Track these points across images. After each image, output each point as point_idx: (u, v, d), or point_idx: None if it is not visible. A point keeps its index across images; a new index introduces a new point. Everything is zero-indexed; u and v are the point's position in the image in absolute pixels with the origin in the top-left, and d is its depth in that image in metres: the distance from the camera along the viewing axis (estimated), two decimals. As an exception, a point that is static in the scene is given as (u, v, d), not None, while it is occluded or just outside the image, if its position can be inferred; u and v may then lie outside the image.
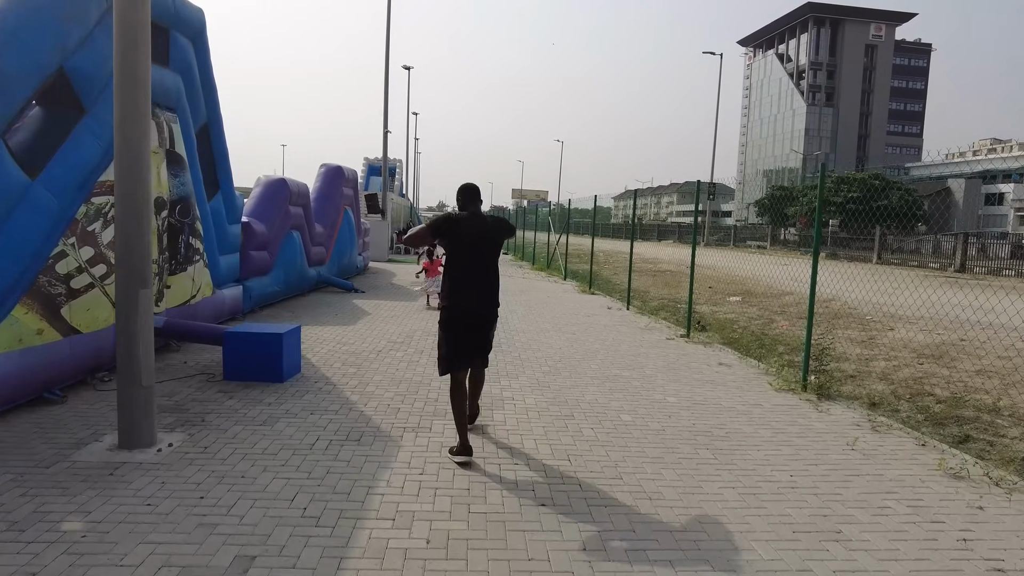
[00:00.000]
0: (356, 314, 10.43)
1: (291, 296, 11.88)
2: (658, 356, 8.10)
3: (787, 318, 12.23)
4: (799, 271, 18.36)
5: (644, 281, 18.58)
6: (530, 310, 11.72)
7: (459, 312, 4.31)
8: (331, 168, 14.26)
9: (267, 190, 10.87)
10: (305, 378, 6.27)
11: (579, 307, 12.49)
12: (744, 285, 17.77)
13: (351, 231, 15.00)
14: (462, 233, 4.29)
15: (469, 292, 4.30)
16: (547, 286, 16.47)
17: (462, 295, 4.29)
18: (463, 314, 4.31)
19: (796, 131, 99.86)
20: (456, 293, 4.29)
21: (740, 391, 6.56)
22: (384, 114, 23.60)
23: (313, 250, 12.76)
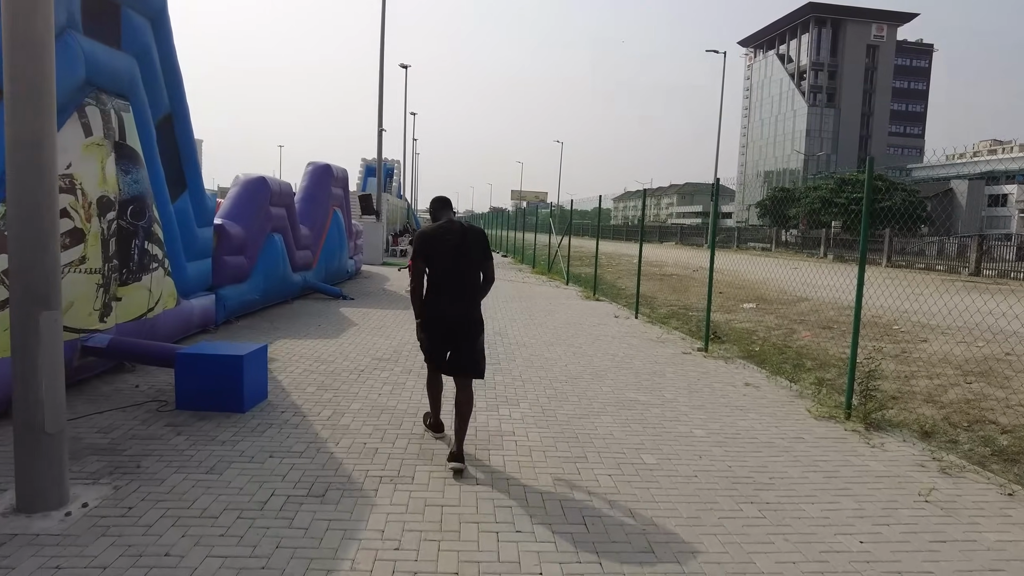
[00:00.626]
0: (341, 324, 9.55)
1: (273, 304, 11.01)
2: (676, 375, 7.22)
3: (808, 328, 11.37)
4: (811, 275, 17.52)
5: (650, 286, 17.70)
6: (531, 319, 10.85)
7: (434, 319, 4.36)
8: (318, 167, 13.39)
9: (245, 189, 10.00)
10: (271, 406, 5.39)
11: (584, 315, 11.62)
12: (756, 291, 16.89)
13: (341, 233, 14.12)
14: (439, 243, 4.35)
15: (443, 299, 4.33)
16: (549, 291, 15.60)
17: (436, 302, 4.35)
18: (438, 321, 4.36)
19: (797, 132, 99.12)
20: (434, 303, 4.35)
21: (775, 419, 5.69)
22: (379, 111, 22.73)
23: (298, 254, 11.88)
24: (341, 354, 7.50)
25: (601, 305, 13.28)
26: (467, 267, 4.37)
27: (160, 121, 6.95)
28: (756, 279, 18.73)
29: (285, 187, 11.03)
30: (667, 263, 26.30)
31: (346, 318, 10.17)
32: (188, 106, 7.47)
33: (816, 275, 17.34)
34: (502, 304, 12.70)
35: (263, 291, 10.21)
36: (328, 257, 13.52)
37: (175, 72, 7.19)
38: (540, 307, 12.49)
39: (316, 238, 13.01)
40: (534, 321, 10.63)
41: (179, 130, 7.33)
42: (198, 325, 8.15)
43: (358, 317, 10.31)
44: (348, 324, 9.60)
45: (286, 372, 6.55)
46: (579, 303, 13.47)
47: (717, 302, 14.69)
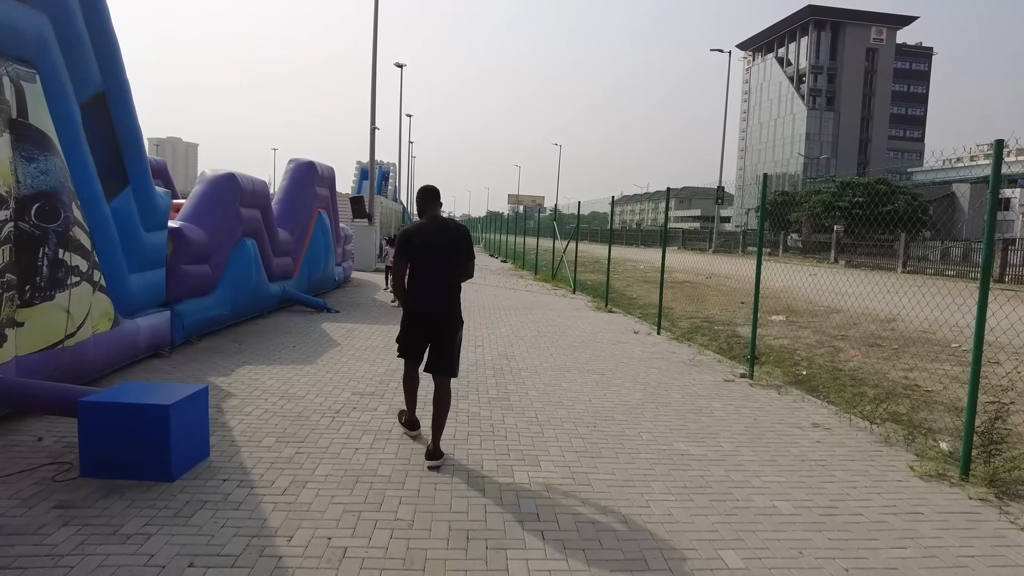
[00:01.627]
0: (321, 345, 8.20)
1: (246, 319, 9.64)
2: (726, 412, 5.88)
3: (852, 345, 10.06)
4: (832, 282, 16.17)
5: (664, 295, 16.36)
6: (540, 335, 9.51)
7: (417, 312, 4.44)
8: (301, 163, 12.04)
9: (210, 188, 8.64)
10: (212, 470, 4.03)
11: (599, 330, 10.28)
12: (780, 300, 15.58)
13: (326, 238, 12.77)
14: (418, 242, 4.38)
15: (425, 294, 4.41)
16: (555, 301, 14.26)
17: (419, 297, 4.42)
18: (420, 314, 4.44)
19: (797, 135, 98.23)
20: (416, 297, 4.43)
21: (872, 481, 4.35)
22: (371, 108, 21.40)
23: (276, 262, 10.52)
24: (315, 386, 6.14)
25: (615, 318, 11.94)
26: (448, 265, 4.43)
27: (90, 100, 5.60)
28: (776, 287, 17.41)
29: (259, 186, 9.68)
30: (675, 268, 24.98)
31: (327, 336, 8.80)
32: (129, 85, 6.12)
33: (838, 282, 16.05)
34: (505, 316, 11.35)
35: (232, 305, 8.85)
36: (312, 264, 12.16)
37: (110, 43, 5.85)
38: (548, 321, 11.14)
39: (298, 243, 11.65)
40: (544, 339, 9.28)
41: (117, 112, 5.99)
42: (147, 349, 6.79)
43: (341, 335, 8.95)
44: (329, 344, 8.24)
45: (242, 414, 5.19)
46: (591, 315, 12.12)
47: (742, 313, 13.39)
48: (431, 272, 4.37)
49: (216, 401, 5.49)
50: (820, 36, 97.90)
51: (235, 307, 8.95)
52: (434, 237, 4.39)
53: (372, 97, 21.25)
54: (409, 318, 4.50)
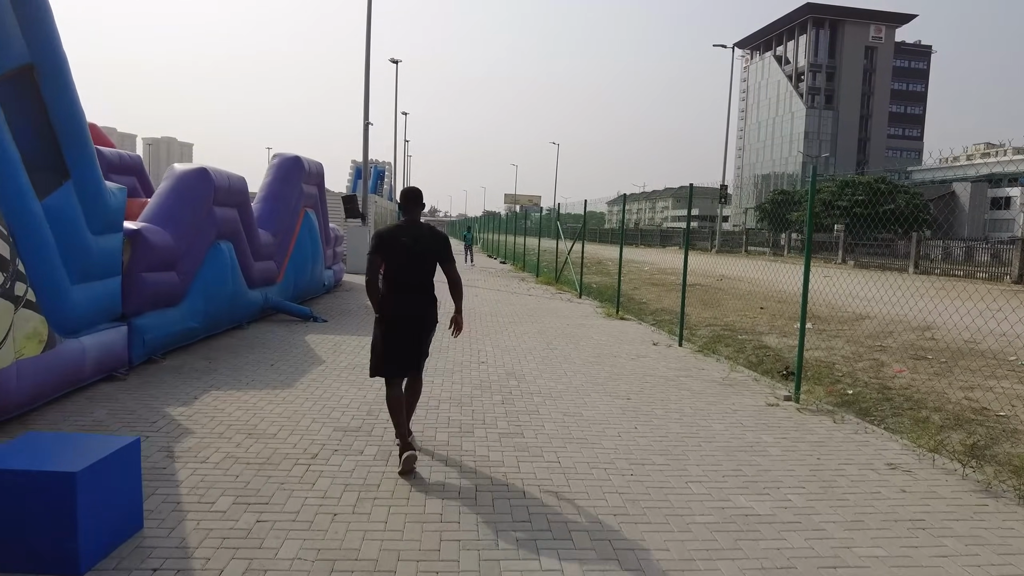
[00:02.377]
0: (303, 362, 7.20)
1: (221, 331, 8.63)
2: (783, 450, 4.91)
3: (894, 358, 9.12)
4: (850, 285, 15.19)
5: (676, 299, 15.40)
6: (551, 348, 8.53)
7: (393, 316, 4.34)
8: (285, 159, 11.03)
9: (178, 185, 7.64)
10: (141, 554, 3.04)
11: (615, 341, 9.31)
12: (798, 304, 14.63)
13: (314, 240, 11.76)
14: (394, 242, 4.33)
15: (401, 297, 4.36)
16: (561, 307, 13.28)
17: (395, 300, 4.35)
18: (397, 318, 4.35)
19: (796, 134, 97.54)
20: (391, 300, 4.35)
21: (997, 555, 3.39)
22: (365, 102, 20.37)
23: (256, 267, 9.51)
24: (290, 419, 5.14)
25: (630, 326, 10.96)
26: (422, 270, 4.42)
27: (10, 74, 4.59)
28: (793, 290, 16.45)
29: (236, 182, 8.67)
30: (679, 270, 24.04)
31: (311, 352, 7.80)
32: (65, 58, 5.12)
33: (853, 284, 15.01)
34: (508, 326, 10.37)
35: (205, 316, 7.84)
36: (298, 268, 11.15)
37: (42, 8, 4.84)
38: (557, 330, 10.16)
39: (282, 246, 10.64)
40: (555, 352, 8.30)
41: (50, 90, 4.98)
42: (96, 372, 5.79)
43: (327, 349, 7.95)
44: (311, 362, 7.24)
45: (197, 460, 4.20)
46: (602, 324, 11.14)
47: (763, 320, 12.45)
48: (404, 277, 4.36)
49: (168, 442, 4.50)
50: (819, 34, 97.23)
51: (208, 319, 7.94)
52: (409, 241, 4.34)
53: (366, 90, 20.22)
54: (383, 326, 4.36)
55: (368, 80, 20.40)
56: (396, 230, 4.39)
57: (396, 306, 4.33)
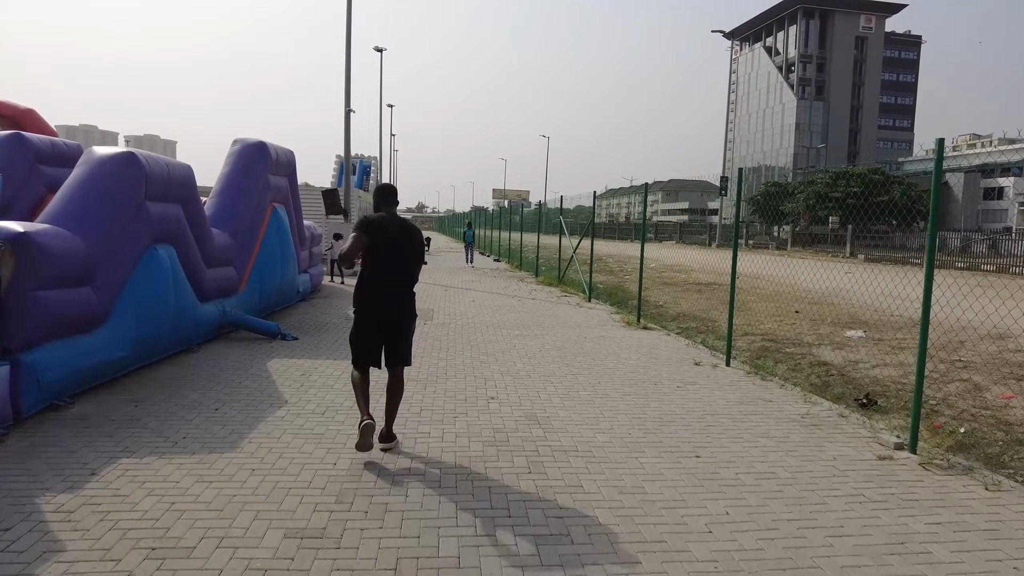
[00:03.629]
0: (259, 403, 5.51)
1: (162, 358, 6.91)
2: (951, 551, 3.29)
3: (984, 375, 7.56)
4: (879, 282, 13.62)
5: (693, 301, 13.81)
6: (574, 374, 6.87)
7: (374, 309, 4.39)
8: (247, 145, 9.27)
9: (94, 174, 5.91)
10: None
11: (648, 360, 7.66)
12: (836, 306, 13.10)
13: (284, 240, 10.02)
14: (383, 233, 4.38)
15: (384, 291, 4.39)
16: (571, 313, 11.62)
17: (377, 294, 4.38)
18: (377, 311, 4.40)
19: (787, 126, 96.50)
20: (367, 291, 4.39)
21: None
22: (346, 86, 18.59)
23: (209, 275, 7.80)
24: (222, 515, 3.45)
25: (658, 339, 9.31)
26: (403, 261, 4.45)
27: None
28: (819, 289, 14.94)
29: (179, 171, 6.94)
30: (688, 266, 22.46)
31: (271, 385, 6.10)
32: None
33: (881, 281, 13.43)
34: (515, 340, 8.71)
35: (135, 342, 6.12)
36: (264, 274, 9.41)
37: None
38: (574, 345, 8.50)
39: (244, 249, 8.92)
40: (581, 381, 6.64)
41: None
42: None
43: (293, 381, 6.25)
44: (270, 403, 5.54)
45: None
46: (624, 335, 9.49)
47: (803, 326, 10.87)
48: (387, 268, 4.40)
49: (18, 571, 2.82)
50: (809, 24, 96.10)
51: (141, 345, 6.22)
52: (394, 233, 4.43)
53: (347, 74, 18.44)
54: (363, 317, 4.43)
55: (349, 63, 18.63)
56: (383, 220, 4.45)
57: (373, 298, 4.39)
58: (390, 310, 4.41)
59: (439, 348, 8.04)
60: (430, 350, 7.92)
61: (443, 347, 8.13)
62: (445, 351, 7.88)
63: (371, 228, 4.35)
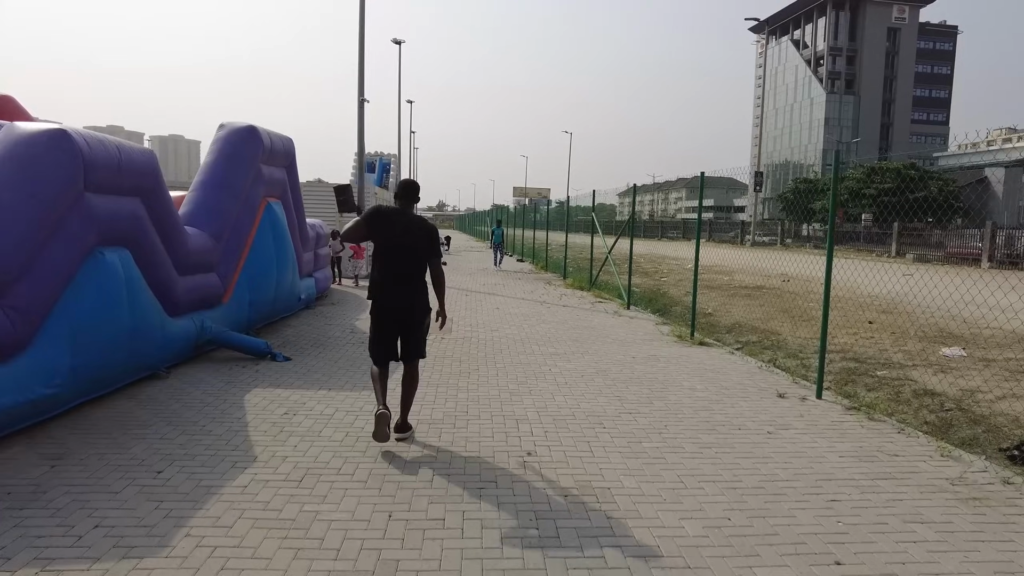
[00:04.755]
0: (218, 463, 4.11)
1: (115, 389, 5.56)
2: None
3: None
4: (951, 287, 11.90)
5: (745, 307, 12.20)
6: (632, 412, 5.38)
7: (383, 306, 4.43)
8: (235, 130, 7.90)
9: (14, 152, 4.56)
10: None
11: (718, 391, 6.14)
12: (909, 315, 11.43)
13: (281, 241, 8.65)
14: (389, 226, 4.39)
15: (392, 289, 4.40)
16: (611, 324, 10.11)
17: (386, 291, 4.41)
18: (387, 309, 4.43)
19: (815, 120, 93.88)
20: (380, 287, 4.42)
21: None
22: (359, 74, 17.25)
23: (183, 284, 6.45)
24: None
25: (722, 360, 7.77)
26: (414, 259, 4.44)
27: None
28: (882, 294, 13.29)
29: (134, 156, 5.57)
30: (728, 267, 20.74)
31: (242, 432, 4.71)
32: None
33: (963, 288, 11.78)
34: (550, 361, 7.23)
35: (70, 374, 4.76)
36: (255, 281, 8.05)
37: None
38: (622, 370, 7.00)
39: (230, 251, 7.56)
40: (641, 425, 5.15)
41: None
42: None
43: (270, 427, 4.84)
44: (233, 461, 4.14)
45: None
46: (679, 353, 7.97)
47: (886, 340, 9.27)
48: (393, 264, 4.39)
49: None
50: (839, 16, 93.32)
51: (79, 376, 4.87)
52: (400, 229, 4.42)
53: (360, 57, 17.07)
54: (378, 317, 4.47)
55: (362, 49, 17.28)
56: (394, 214, 4.49)
57: (387, 297, 4.41)
58: (399, 307, 4.43)
59: (458, 373, 6.61)
60: (447, 375, 6.49)
61: (463, 371, 6.70)
62: (465, 377, 6.45)
63: (374, 220, 4.43)
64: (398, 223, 4.42)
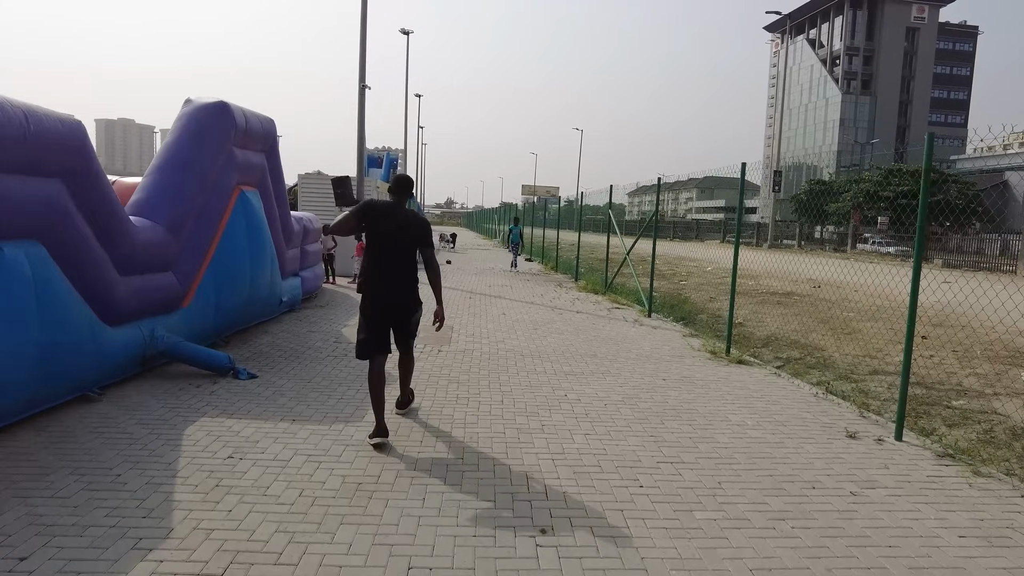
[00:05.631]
0: (113, 539, 2.99)
1: (21, 419, 4.44)
2: None
3: None
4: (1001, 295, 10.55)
5: (779, 316, 10.96)
6: (663, 451, 4.23)
7: (374, 300, 4.39)
8: (202, 107, 6.76)
9: None
10: None
11: (773, 427, 4.96)
12: (969, 329, 10.19)
13: (257, 235, 7.52)
14: (381, 220, 4.38)
15: (383, 282, 4.38)
16: (632, 334, 8.93)
17: (377, 284, 4.38)
18: (377, 302, 4.39)
19: (830, 121, 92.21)
20: (372, 282, 4.39)
21: None
22: (361, 58, 16.11)
23: (125, 286, 5.34)
24: None
25: (765, 382, 6.59)
26: (404, 252, 4.44)
27: None
28: (926, 303, 12.01)
29: (51, 129, 4.43)
30: (752, 270, 19.41)
31: (166, 485, 3.57)
32: None
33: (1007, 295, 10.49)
34: (567, 384, 6.07)
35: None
36: (224, 282, 6.92)
37: None
38: (653, 396, 5.84)
39: (192, 247, 6.44)
40: (686, 479, 3.98)
41: None
42: None
43: (205, 477, 3.70)
44: (137, 539, 3.01)
45: None
46: (717, 375, 6.79)
47: (950, 360, 8.08)
48: (384, 257, 4.39)
49: None
50: (856, 15, 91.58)
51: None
52: (392, 223, 4.40)
53: (362, 40, 15.94)
54: (368, 309, 4.41)
55: (364, 33, 16.15)
56: (388, 208, 4.44)
57: (380, 293, 4.38)
58: (392, 303, 4.44)
59: (455, 400, 5.46)
60: (442, 402, 5.35)
61: (461, 397, 5.55)
62: (463, 406, 5.30)
63: (366, 214, 4.40)
64: (391, 217, 4.39)
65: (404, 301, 4.45)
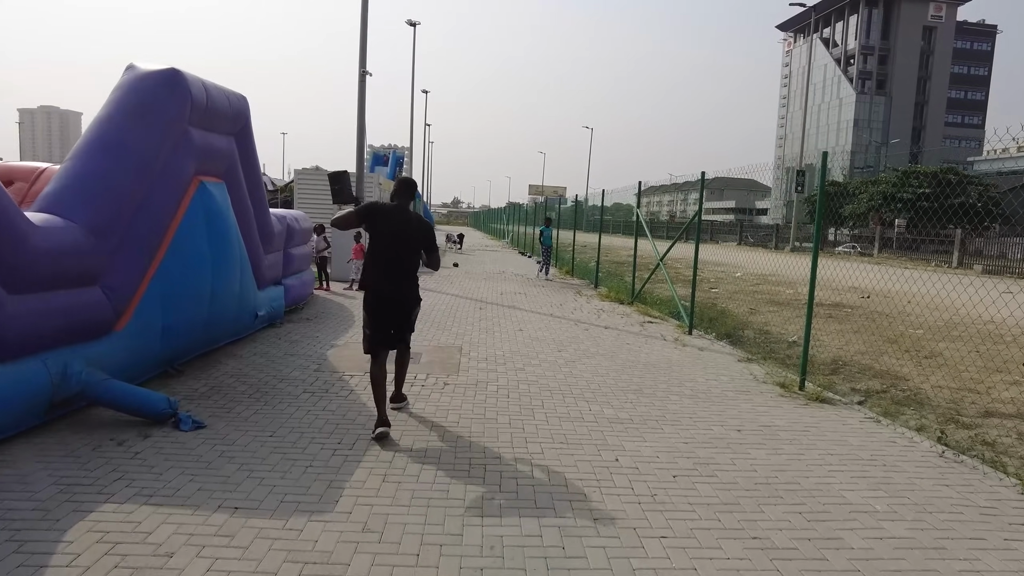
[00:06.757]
0: None
1: None
2: None
3: None
4: None
5: (835, 333, 9.37)
6: (784, 572, 2.79)
7: (377, 298, 4.54)
8: (144, 76, 5.29)
9: None
10: None
11: (922, 522, 3.48)
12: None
13: (222, 238, 6.07)
14: (384, 222, 4.49)
15: (385, 281, 4.52)
16: (676, 359, 7.41)
17: (380, 283, 4.52)
18: (380, 300, 4.53)
19: (844, 122, 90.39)
20: (374, 280, 4.53)
21: None
22: (361, 42, 14.68)
23: (13, 307, 3.90)
24: None
25: (864, 432, 5.07)
26: (406, 254, 4.59)
27: None
28: (998, 318, 10.49)
29: None
30: (786, 276, 17.76)
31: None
32: None
33: None
34: (611, 437, 4.58)
35: None
36: (176, 296, 5.47)
37: None
38: (729, 459, 4.36)
39: (132, 253, 5.00)
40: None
41: None
42: None
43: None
44: None
45: None
46: (799, 420, 5.28)
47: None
48: (392, 263, 4.52)
49: None
50: (871, 14, 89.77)
51: None
52: (394, 225, 4.52)
53: (363, 24, 14.49)
54: (372, 306, 4.54)
55: (365, 16, 14.71)
56: (392, 210, 4.56)
57: (383, 291, 4.52)
58: (393, 299, 4.54)
59: (465, 465, 3.97)
60: (444, 471, 3.87)
61: (472, 462, 4.06)
62: (477, 478, 3.81)
63: (369, 214, 4.51)
64: (395, 220, 4.51)
65: (403, 297, 4.59)
